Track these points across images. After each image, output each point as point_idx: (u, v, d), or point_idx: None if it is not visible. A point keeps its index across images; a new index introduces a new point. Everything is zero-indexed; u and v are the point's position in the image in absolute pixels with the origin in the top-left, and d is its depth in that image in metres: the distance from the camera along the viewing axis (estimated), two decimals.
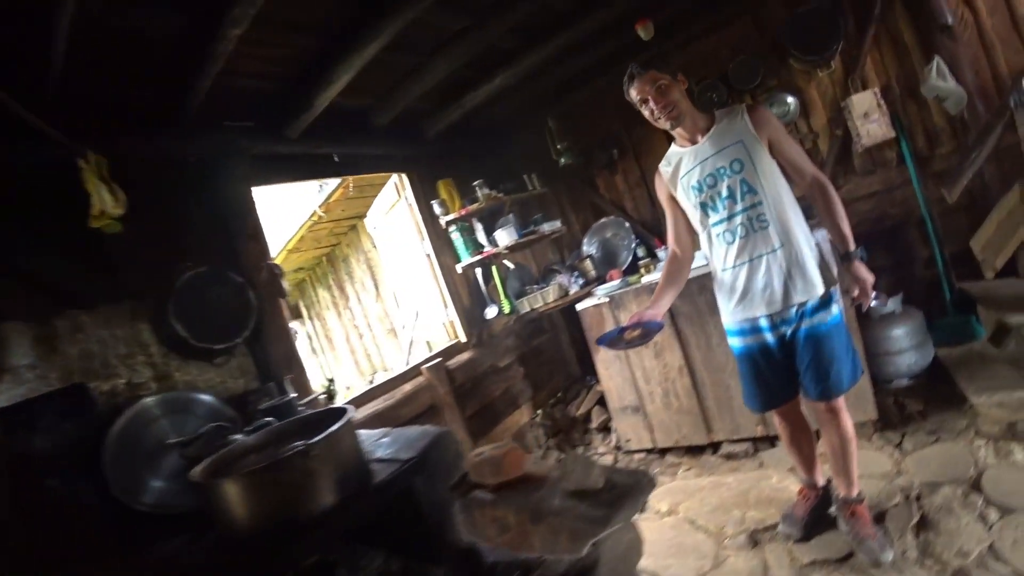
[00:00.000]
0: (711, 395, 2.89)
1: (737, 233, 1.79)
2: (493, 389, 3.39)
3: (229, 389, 2.19)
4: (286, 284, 2.33)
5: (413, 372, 2.98)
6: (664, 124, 1.81)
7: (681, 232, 2.01)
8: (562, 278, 3.61)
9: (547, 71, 3.13)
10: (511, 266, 3.40)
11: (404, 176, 3.30)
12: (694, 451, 3.03)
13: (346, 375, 5.51)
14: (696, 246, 2.04)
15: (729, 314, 1.94)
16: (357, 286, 5.17)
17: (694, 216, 1.92)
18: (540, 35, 2.73)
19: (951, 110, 2.85)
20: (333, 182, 4.00)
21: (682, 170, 1.89)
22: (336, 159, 2.93)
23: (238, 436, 1.69)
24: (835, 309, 1.81)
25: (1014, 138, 2.63)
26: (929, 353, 2.71)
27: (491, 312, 3.37)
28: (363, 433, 1.89)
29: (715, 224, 1.85)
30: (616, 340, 1.84)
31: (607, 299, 3.10)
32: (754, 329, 1.89)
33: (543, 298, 3.51)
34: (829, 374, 1.79)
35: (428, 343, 3.59)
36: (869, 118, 3.10)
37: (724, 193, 1.79)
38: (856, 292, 1.71)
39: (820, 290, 1.77)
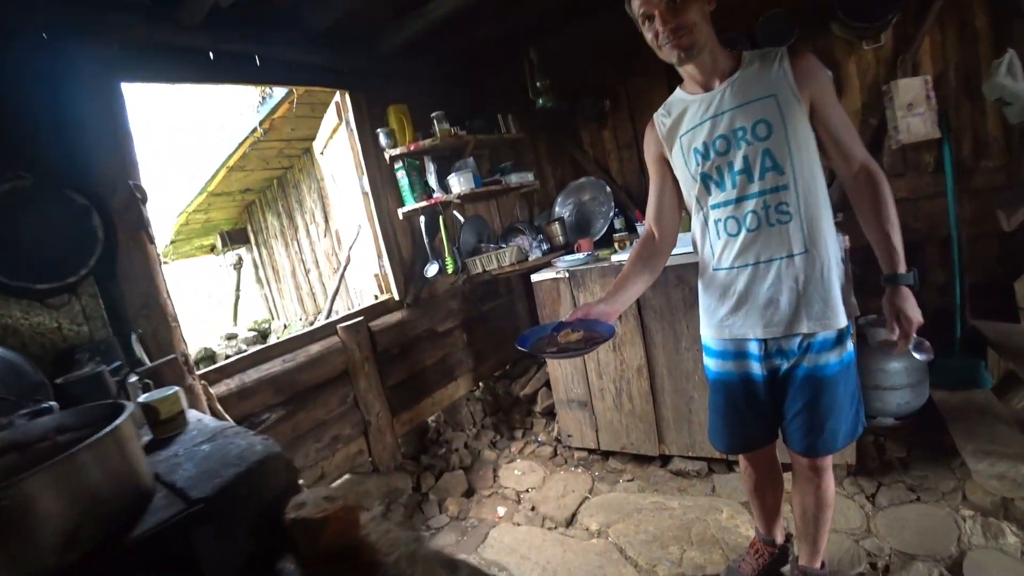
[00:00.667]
0: (670, 403, 2.48)
1: (745, 223, 1.30)
2: (426, 357, 2.95)
3: (68, 339, 1.70)
4: (148, 212, 1.80)
5: (326, 330, 2.51)
6: (669, 55, 1.25)
7: (665, 207, 1.49)
8: (523, 240, 3.11)
9: None
10: (462, 219, 2.87)
11: (347, 95, 2.69)
12: (641, 460, 2.65)
13: (290, 312, 5.06)
14: (680, 228, 1.54)
15: (712, 327, 1.47)
16: (307, 216, 4.61)
17: (689, 189, 1.40)
18: None
19: (1012, 118, 2.33)
20: (279, 93, 3.37)
21: (685, 124, 1.35)
22: (257, 62, 2.32)
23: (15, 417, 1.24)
24: (849, 347, 1.35)
25: None
26: (924, 394, 2.31)
27: (432, 270, 2.87)
28: (201, 424, 1.44)
29: (716, 206, 1.34)
30: (544, 342, 1.33)
31: (566, 273, 2.62)
32: (740, 354, 1.43)
33: (498, 260, 3.02)
34: (823, 428, 1.36)
35: (376, 296, 3.11)
36: (913, 110, 2.55)
37: (737, 165, 1.28)
38: (896, 334, 1.24)
39: (841, 321, 1.30)
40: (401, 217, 2.84)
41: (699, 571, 1.90)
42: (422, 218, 2.86)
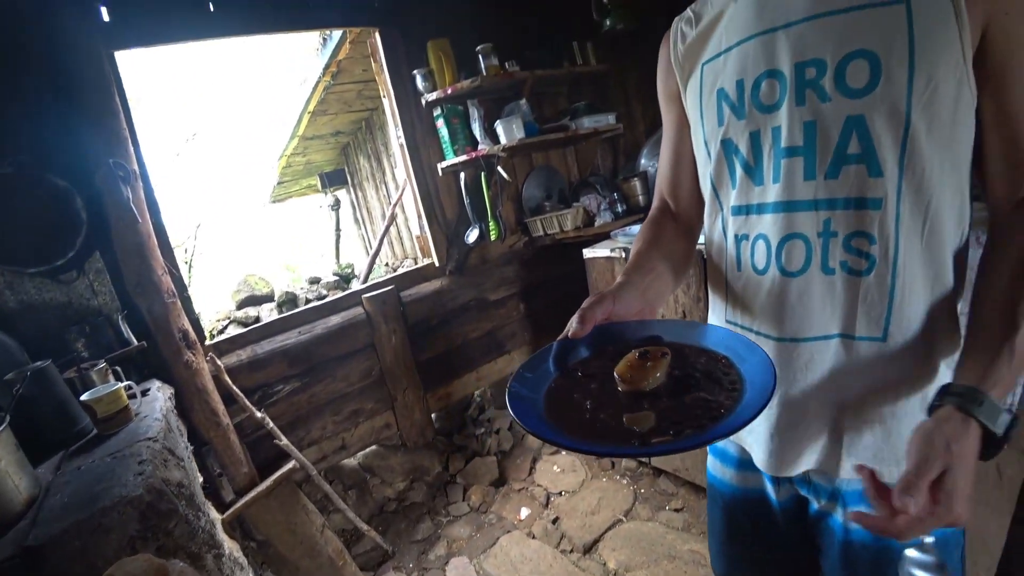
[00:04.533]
0: None
1: (779, 257, 0.72)
2: (470, 329, 2.75)
3: (80, 313, 1.83)
4: (133, 190, 1.77)
5: (350, 300, 2.42)
6: None
7: (685, 173, 0.90)
8: (591, 200, 2.66)
9: None
10: (506, 176, 2.49)
11: (377, 33, 2.40)
12: (696, 490, 2.21)
13: (382, 254, 5.21)
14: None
15: None
16: (392, 159, 4.57)
17: (704, 165, 0.82)
18: None
19: None
20: (336, 34, 3.20)
21: (714, 42, 0.77)
22: (266, 6, 2.14)
23: None
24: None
25: None
26: None
27: (472, 235, 2.59)
28: (145, 424, 1.42)
29: (740, 210, 0.77)
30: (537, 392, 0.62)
31: (622, 252, 2.15)
32: (745, 462, 0.90)
33: (559, 223, 2.64)
34: None
35: (415, 260, 2.98)
36: None
37: (787, 138, 0.68)
38: (916, 506, 0.52)
39: None
40: (441, 173, 2.57)
41: None
42: (462, 175, 2.55)
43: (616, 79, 2.90)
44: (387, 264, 4.66)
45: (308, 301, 4.02)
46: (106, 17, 1.84)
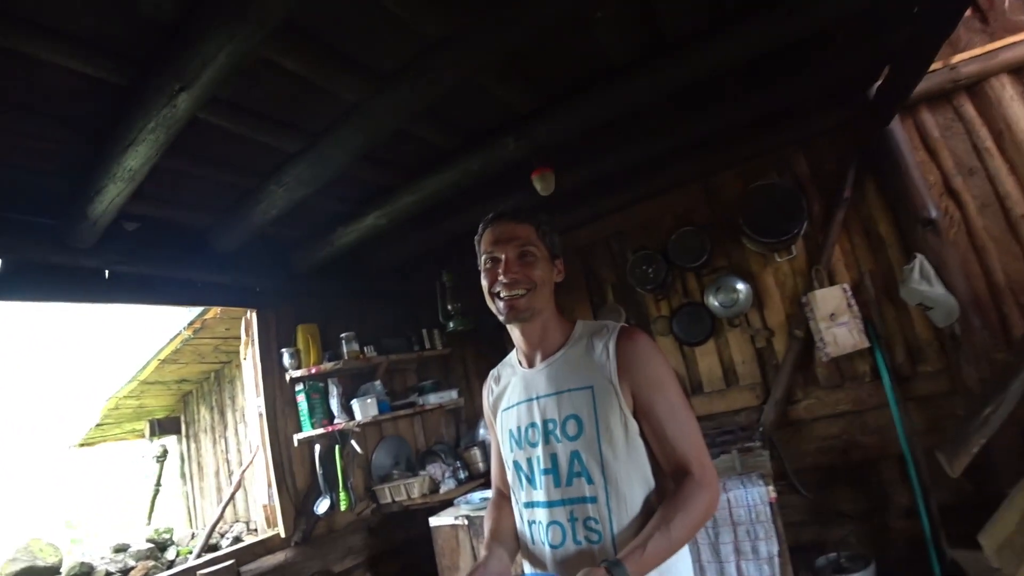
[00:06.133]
0: None
1: (547, 536, 1.15)
2: None
3: None
4: None
5: None
6: (499, 308, 1.17)
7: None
8: (436, 468, 2.93)
9: (440, 217, 2.70)
10: (359, 450, 2.74)
11: (255, 313, 2.76)
12: None
13: (208, 515, 4.68)
14: None
15: None
16: (238, 415, 4.52)
17: (507, 472, 1.27)
18: (417, 171, 2.32)
19: (939, 322, 2.37)
20: None
21: (505, 399, 1.28)
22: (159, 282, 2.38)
23: None
24: None
25: None
26: None
27: (323, 506, 2.65)
28: None
29: (528, 504, 1.20)
30: None
31: (464, 520, 2.37)
32: None
33: (407, 490, 2.82)
34: None
35: (256, 530, 2.86)
36: (836, 320, 2.59)
37: (544, 463, 1.16)
38: None
39: None
40: (297, 444, 2.71)
41: None
42: (317, 446, 2.73)
43: (459, 360, 3.50)
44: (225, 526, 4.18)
45: (110, 574, 3.38)
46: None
